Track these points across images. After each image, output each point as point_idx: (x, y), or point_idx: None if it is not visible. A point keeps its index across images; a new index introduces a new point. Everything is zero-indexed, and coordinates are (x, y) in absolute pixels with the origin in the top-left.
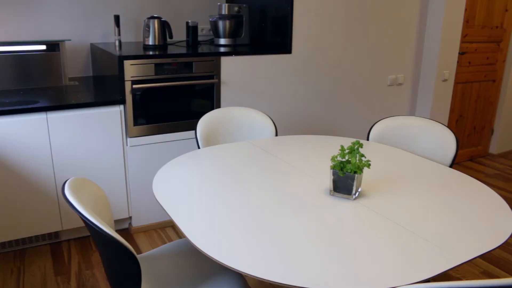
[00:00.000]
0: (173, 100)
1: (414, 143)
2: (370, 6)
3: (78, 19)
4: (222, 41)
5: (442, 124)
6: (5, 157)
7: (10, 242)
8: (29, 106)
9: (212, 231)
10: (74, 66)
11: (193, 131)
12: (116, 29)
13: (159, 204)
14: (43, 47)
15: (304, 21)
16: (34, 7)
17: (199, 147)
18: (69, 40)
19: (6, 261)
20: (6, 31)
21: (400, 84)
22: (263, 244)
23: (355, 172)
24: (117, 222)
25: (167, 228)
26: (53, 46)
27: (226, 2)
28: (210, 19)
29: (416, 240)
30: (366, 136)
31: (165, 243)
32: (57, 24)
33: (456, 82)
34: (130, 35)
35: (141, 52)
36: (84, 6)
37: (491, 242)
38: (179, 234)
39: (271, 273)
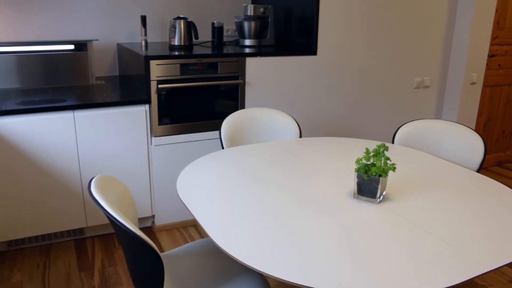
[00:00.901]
0: (197, 100)
1: (441, 147)
2: (397, 7)
3: (106, 19)
4: (247, 42)
5: (470, 128)
6: (33, 154)
7: (36, 237)
8: (57, 105)
9: (234, 231)
10: (101, 66)
11: (217, 132)
12: (143, 29)
13: (183, 203)
14: (72, 47)
15: (330, 22)
16: (63, 8)
17: (223, 148)
18: (97, 40)
19: (32, 255)
20: (36, 31)
21: (426, 86)
22: (284, 245)
23: (380, 175)
24: (140, 220)
25: (189, 228)
26: (81, 46)
27: (252, 3)
28: (236, 20)
29: (441, 246)
30: (391, 139)
31: (187, 242)
32: (85, 25)
33: (485, 86)
34: (156, 36)
35: (167, 52)
36: (112, 6)
37: None
38: (201, 233)
39: (292, 275)
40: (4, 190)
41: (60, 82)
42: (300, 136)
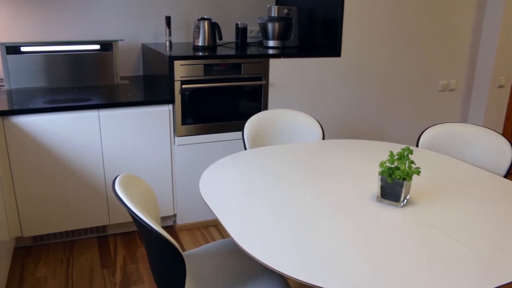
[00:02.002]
0: (221, 101)
1: (466, 151)
2: (423, 9)
3: (131, 20)
4: (271, 43)
5: (497, 132)
6: (59, 152)
7: (61, 233)
8: (83, 104)
9: (256, 232)
10: (126, 66)
11: (240, 132)
12: (167, 30)
13: (205, 203)
14: (97, 46)
15: (354, 24)
16: (90, 8)
17: (245, 148)
18: (122, 40)
19: (57, 251)
20: (63, 32)
21: (452, 89)
22: (306, 247)
23: (404, 179)
24: (162, 219)
25: (211, 227)
26: (107, 46)
27: (276, 4)
28: (260, 21)
29: (466, 252)
30: (416, 142)
31: (208, 242)
32: (110, 25)
33: None
34: (180, 36)
35: (191, 53)
36: (137, 7)
37: None
38: (222, 233)
39: (312, 277)
40: (31, 187)
41: (86, 81)
42: (323, 138)
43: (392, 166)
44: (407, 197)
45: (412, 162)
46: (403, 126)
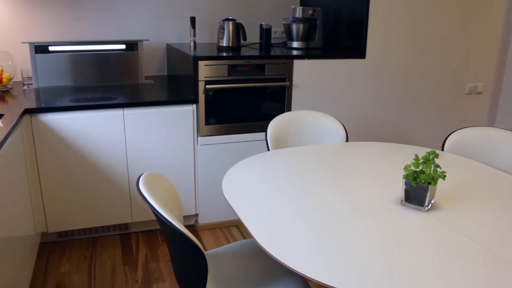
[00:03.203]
0: (244, 101)
1: (494, 156)
2: (450, 10)
3: (156, 20)
4: (295, 44)
5: None
6: (84, 150)
7: (84, 229)
8: (108, 102)
9: (278, 233)
10: (150, 65)
11: (262, 133)
12: (192, 30)
13: (228, 203)
14: (123, 46)
15: (380, 25)
16: (116, 9)
17: (268, 149)
18: (147, 40)
19: (80, 247)
20: (89, 32)
21: (479, 93)
22: (328, 249)
23: (429, 183)
24: (183, 218)
25: (232, 227)
26: (132, 46)
27: (300, 5)
28: (284, 22)
29: (493, 259)
30: (441, 146)
31: (229, 242)
32: (136, 25)
33: None
34: (204, 36)
35: (215, 53)
36: (162, 8)
37: None
38: (243, 233)
39: (334, 279)
40: (56, 183)
41: (111, 80)
42: (347, 140)
43: (417, 169)
44: (432, 202)
45: (438, 166)
46: (428, 129)
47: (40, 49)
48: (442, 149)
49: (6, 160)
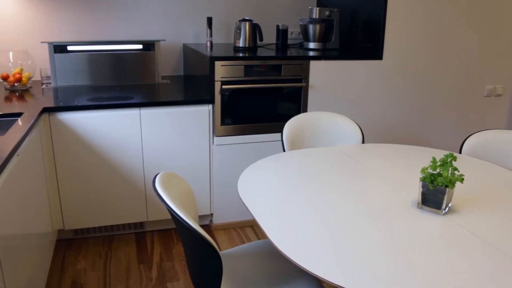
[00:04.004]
0: (260, 102)
1: None
2: (469, 12)
3: (173, 20)
4: (312, 45)
5: None
6: (101, 148)
7: (100, 227)
8: (125, 102)
9: (293, 234)
10: (167, 65)
11: (278, 134)
12: (208, 30)
13: (243, 204)
14: (140, 46)
15: (397, 26)
16: (133, 9)
17: (284, 150)
18: (164, 40)
19: (96, 245)
20: (107, 31)
21: (498, 95)
22: (343, 251)
23: (446, 186)
24: (198, 218)
25: (247, 228)
26: (149, 46)
27: (317, 6)
28: (301, 23)
29: (510, 264)
30: (458, 149)
31: (244, 242)
32: (153, 25)
33: None
34: (221, 37)
35: (232, 54)
36: (179, 8)
37: None
38: (258, 234)
39: (349, 281)
40: (73, 181)
41: (128, 80)
42: (363, 142)
43: (434, 172)
44: (449, 205)
45: (456, 168)
46: (446, 132)
47: (59, 48)
48: (460, 152)
49: (25, 158)
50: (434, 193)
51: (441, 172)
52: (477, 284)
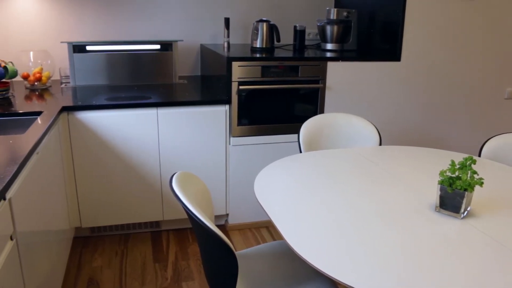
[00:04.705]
0: (277, 103)
1: None
2: (489, 12)
3: (190, 21)
4: (329, 46)
5: None
6: (118, 147)
7: (116, 226)
8: (143, 101)
9: (309, 235)
10: (184, 65)
11: (294, 135)
12: (226, 31)
13: (260, 204)
14: (157, 46)
15: (416, 28)
16: (151, 9)
17: (300, 151)
18: (181, 40)
19: (112, 243)
20: (125, 32)
21: None
22: (359, 254)
23: (465, 190)
24: (214, 218)
25: (262, 229)
26: (166, 46)
27: (335, 7)
28: (318, 24)
29: None
30: (478, 152)
31: (259, 243)
32: (170, 25)
33: None
34: (238, 37)
35: (249, 54)
36: (197, 8)
37: None
38: (273, 235)
39: (364, 284)
40: (91, 180)
41: (145, 80)
42: (380, 144)
43: (453, 175)
44: (468, 209)
45: (475, 172)
46: (465, 135)
47: (78, 48)
48: (479, 155)
49: (44, 156)
50: (453, 197)
51: (460, 175)
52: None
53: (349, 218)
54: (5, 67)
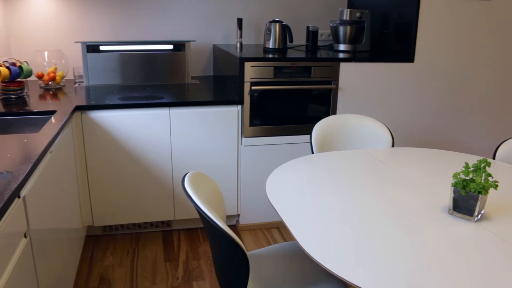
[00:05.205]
0: (289, 104)
1: None
2: (505, 12)
3: (203, 21)
4: (342, 46)
5: None
6: (130, 147)
7: (128, 225)
8: (155, 101)
9: (321, 236)
10: (197, 66)
11: (307, 136)
12: (238, 31)
13: (271, 205)
14: (170, 46)
15: (430, 28)
16: (164, 10)
17: (312, 152)
18: (194, 40)
19: (124, 242)
20: (138, 32)
21: None
22: (371, 256)
23: (479, 192)
24: (226, 218)
25: (273, 229)
26: (179, 46)
27: (348, 7)
28: (331, 24)
29: None
30: (492, 154)
31: (270, 243)
32: (183, 26)
33: None
34: (250, 38)
35: (261, 55)
36: (209, 9)
37: None
38: (284, 236)
39: (374, 286)
40: (103, 179)
41: (158, 80)
42: (393, 145)
43: (467, 178)
44: (482, 212)
45: (489, 175)
46: (479, 137)
47: (92, 48)
48: (494, 158)
49: (57, 155)
50: (466, 199)
51: (474, 178)
52: None
53: (361, 219)
54: (20, 67)
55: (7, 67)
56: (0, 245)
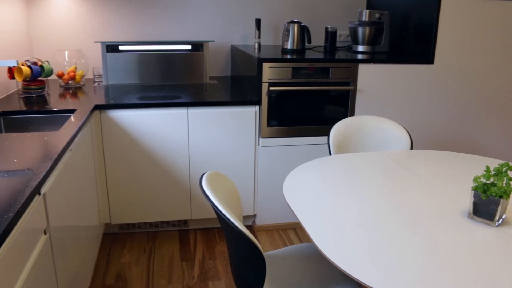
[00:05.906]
0: (307, 105)
1: None
2: None
3: (221, 21)
4: (361, 48)
5: None
6: (148, 146)
7: (145, 223)
8: (173, 101)
9: (338, 238)
10: (215, 66)
11: (324, 137)
12: (257, 32)
13: (288, 206)
14: (189, 47)
15: (450, 30)
16: (183, 10)
17: (330, 154)
18: (212, 41)
19: (141, 240)
20: (157, 32)
21: None
22: (387, 258)
23: (500, 197)
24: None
25: (289, 230)
26: (198, 46)
27: (367, 8)
28: (350, 25)
29: None
30: None
31: (286, 244)
32: (202, 26)
33: None
34: (269, 38)
35: (280, 56)
36: (228, 9)
37: None
38: (300, 237)
39: None
40: (121, 177)
41: (176, 79)
42: (411, 148)
43: (488, 182)
44: (503, 217)
45: (511, 179)
46: (500, 140)
47: (111, 48)
48: None
49: (76, 153)
50: (487, 204)
51: (495, 182)
52: None
53: (379, 222)
54: (41, 66)
55: (29, 66)
56: (21, 241)
